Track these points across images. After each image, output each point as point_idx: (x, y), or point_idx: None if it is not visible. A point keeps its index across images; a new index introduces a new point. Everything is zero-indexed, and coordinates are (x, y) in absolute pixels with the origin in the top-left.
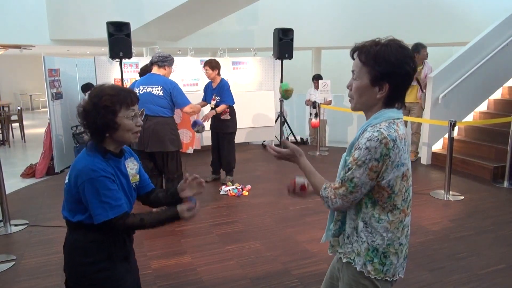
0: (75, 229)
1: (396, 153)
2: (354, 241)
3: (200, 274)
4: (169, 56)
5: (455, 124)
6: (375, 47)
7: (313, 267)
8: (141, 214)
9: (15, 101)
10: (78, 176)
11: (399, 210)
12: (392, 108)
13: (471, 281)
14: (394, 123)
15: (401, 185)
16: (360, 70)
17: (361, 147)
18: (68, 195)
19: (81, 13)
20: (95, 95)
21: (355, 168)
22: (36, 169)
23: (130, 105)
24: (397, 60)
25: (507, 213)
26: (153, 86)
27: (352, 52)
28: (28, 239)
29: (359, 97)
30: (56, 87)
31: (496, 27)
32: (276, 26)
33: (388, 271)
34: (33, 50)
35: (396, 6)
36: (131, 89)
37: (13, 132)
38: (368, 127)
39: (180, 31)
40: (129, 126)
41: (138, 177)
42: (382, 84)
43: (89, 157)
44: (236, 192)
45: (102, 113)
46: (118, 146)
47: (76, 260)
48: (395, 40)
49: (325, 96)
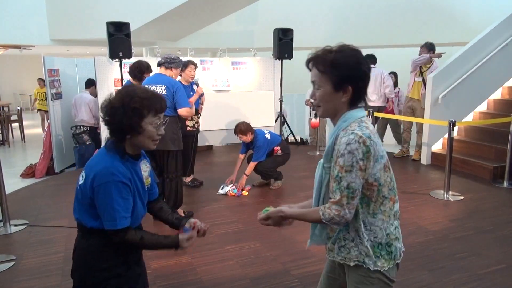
0: (89, 234)
1: (374, 148)
2: (359, 243)
3: (200, 274)
4: (177, 58)
5: (455, 124)
6: (330, 55)
7: (313, 267)
8: (142, 232)
9: (15, 101)
10: (95, 177)
11: (388, 199)
12: (356, 108)
13: (471, 281)
14: (363, 121)
15: (385, 175)
16: (321, 79)
17: (344, 153)
18: (81, 196)
19: (81, 13)
20: (126, 94)
21: (346, 174)
22: (36, 169)
23: (158, 112)
24: (353, 62)
25: (507, 213)
26: (157, 85)
27: (307, 63)
28: (27, 239)
29: (326, 104)
30: (56, 87)
31: (495, 27)
32: (276, 26)
33: (395, 256)
34: (33, 50)
35: (395, 7)
36: (162, 96)
37: (13, 132)
38: (339, 132)
39: (180, 31)
40: (151, 133)
41: (150, 180)
42: (345, 87)
43: (109, 158)
44: (236, 192)
45: (130, 114)
46: (135, 149)
47: (91, 266)
48: (346, 44)
49: None
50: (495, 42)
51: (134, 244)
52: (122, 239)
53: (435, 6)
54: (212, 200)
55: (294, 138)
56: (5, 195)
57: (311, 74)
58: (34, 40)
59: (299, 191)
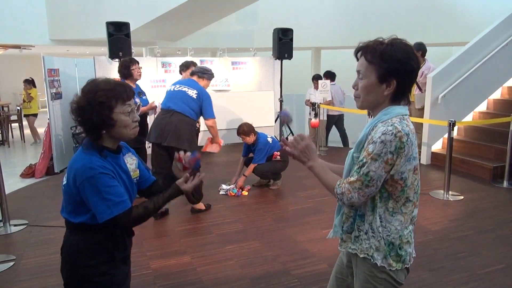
0: (76, 231)
1: (409, 146)
2: (371, 236)
3: (200, 274)
4: (210, 70)
5: (455, 124)
6: (381, 46)
7: (313, 267)
8: (142, 203)
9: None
10: (76, 176)
11: (411, 202)
12: (399, 105)
13: (471, 281)
14: (404, 119)
15: (413, 178)
16: (367, 69)
17: (376, 141)
18: (67, 196)
19: (81, 13)
20: (88, 91)
21: (370, 162)
22: (36, 169)
23: (126, 100)
24: (403, 57)
25: (507, 213)
26: (189, 88)
27: (356, 52)
28: (27, 239)
29: (366, 95)
30: (55, 87)
31: (495, 27)
32: (276, 26)
33: (405, 259)
34: (33, 50)
35: (396, 6)
36: (126, 83)
37: (13, 132)
38: (378, 123)
39: (180, 31)
40: (126, 122)
41: (138, 172)
42: (390, 81)
43: (86, 156)
44: (236, 192)
45: (98, 110)
46: (116, 142)
47: (78, 263)
48: (398, 38)
49: (324, 96)
50: (495, 42)
51: (143, 216)
52: (128, 221)
53: (435, 6)
54: (212, 200)
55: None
56: (5, 195)
57: (358, 63)
58: (34, 40)
59: (299, 191)
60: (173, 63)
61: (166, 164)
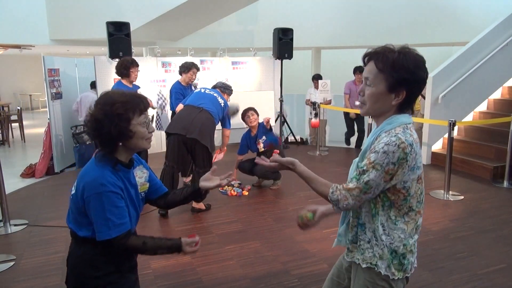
0: (82, 243)
1: (413, 157)
2: (374, 245)
3: (200, 274)
4: (230, 87)
5: (455, 124)
6: (393, 54)
7: (313, 267)
8: (144, 237)
9: (14, 101)
10: (85, 189)
11: (415, 211)
12: (404, 114)
13: (471, 281)
14: (408, 128)
15: (417, 187)
16: (376, 77)
17: (378, 151)
18: (73, 206)
19: (81, 13)
20: (105, 103)
21: (371, 170)
22: (36, 169)
23: (142, 111)
24: (415, 67)
25: (507, 213)
26: (218, 96)
27: (364, 58)
28: (27, 239)
29: (374, 103)
30: (55, 87)
31: (495, 27)
32: (276, 26)
33: (407, 269)
34: (33, 50)
35: (396, 6)
36: (141, 95)
37: (13, 132)
38: (381, 133)
39: (180, 31)
40: (142, 133)
41: (147, 186)
42: (399, 90)
43: (98, 169)
44: (236, 192)
45: (116, 122)
46: (129, 155)
47: (85, 274)
48: (408, 47)
49: (324, 96)
50: (496, 41)
51: (138, 249)
52: (124, 245)
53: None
54: (212, 200)
55: (294, 138)
56: (5, 195)
57: (366, 69)
58: (34, 40)
59: (298, 191)
60: (173, 63)
61: (182, 158)
